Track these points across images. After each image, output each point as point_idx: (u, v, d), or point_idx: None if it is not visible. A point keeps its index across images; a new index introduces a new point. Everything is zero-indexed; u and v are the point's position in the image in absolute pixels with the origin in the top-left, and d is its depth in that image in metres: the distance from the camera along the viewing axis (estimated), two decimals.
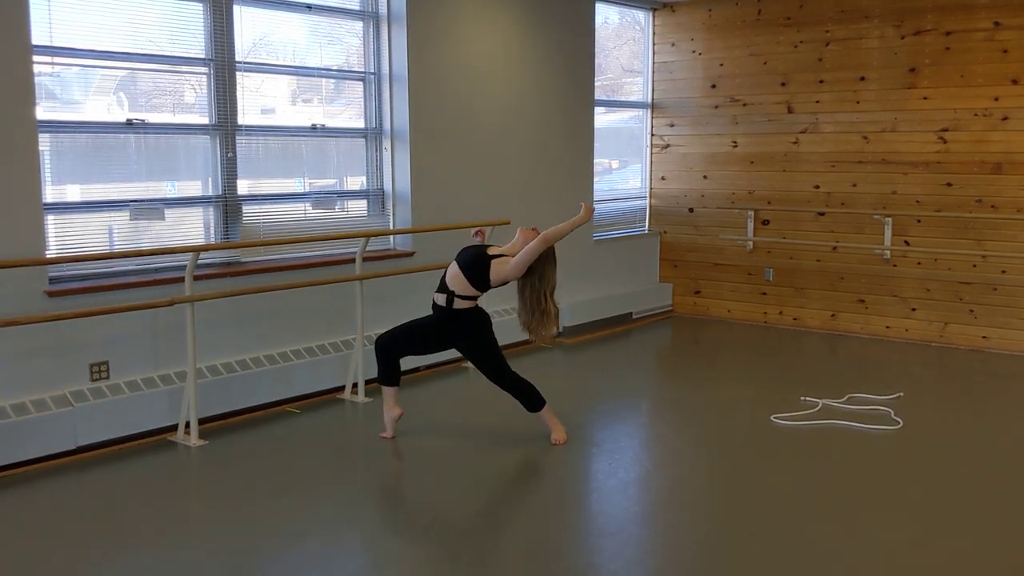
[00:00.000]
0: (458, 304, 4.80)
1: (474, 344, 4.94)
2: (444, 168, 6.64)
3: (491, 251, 4.85)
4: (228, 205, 5.57)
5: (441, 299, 4.84)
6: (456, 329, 4.90)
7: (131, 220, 5.16)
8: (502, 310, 7.03)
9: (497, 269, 4.73)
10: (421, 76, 6.38)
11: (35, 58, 4.60)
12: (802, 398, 5.78)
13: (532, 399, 5.02)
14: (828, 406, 5.64)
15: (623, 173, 8.87)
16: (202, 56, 5.43)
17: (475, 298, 4.84)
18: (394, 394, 5.05)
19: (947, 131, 7.22)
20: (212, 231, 5.55)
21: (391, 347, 4.97)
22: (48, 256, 4.73)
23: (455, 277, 4.79)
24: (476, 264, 4.76)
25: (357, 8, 6.29)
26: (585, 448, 5.02)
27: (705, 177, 8.44)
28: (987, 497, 4.30)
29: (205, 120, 5.49)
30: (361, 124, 6.39)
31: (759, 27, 7.99)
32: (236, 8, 5.49)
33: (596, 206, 8.05)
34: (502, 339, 6.86)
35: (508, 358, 5.04)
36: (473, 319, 4.89)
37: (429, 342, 5.02)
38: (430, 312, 4.96)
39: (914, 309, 7.54)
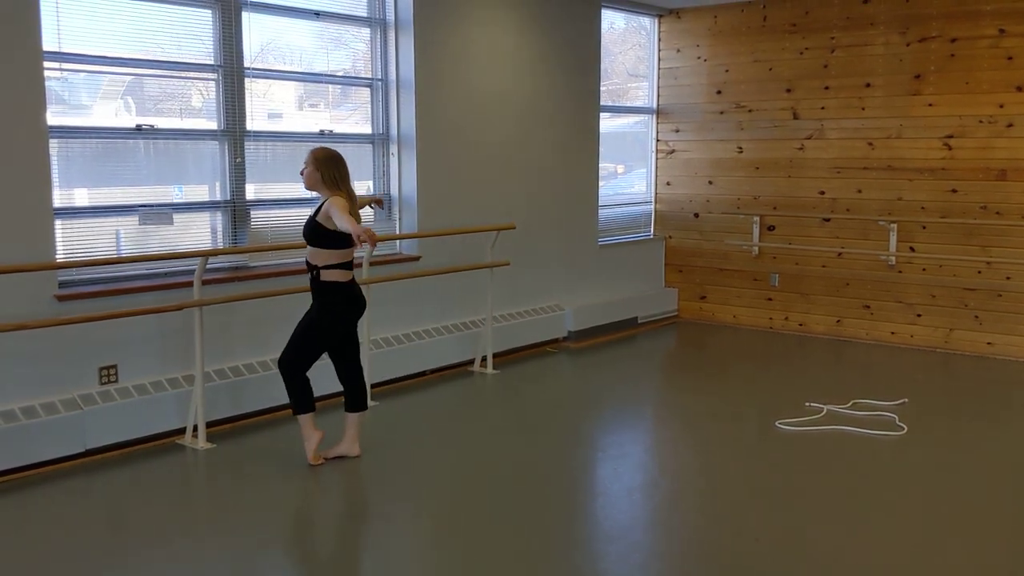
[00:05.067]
0: (325, 276, 4.45)
1: (309, 316, 4.57)
2: (450, 173, 6.66)
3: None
4: (236, 210, 5.60)
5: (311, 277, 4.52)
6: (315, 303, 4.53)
7: (140, 224, 5.19)
8: (502, 315, 7.06)
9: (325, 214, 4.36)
10: (428, 82, 6.41)
11: (45, 64, 4.64)
12: (807, 404, 5.80)
13: (296, 400, 4.62)
14: (833, 412, 5.65)
15: (628, 178, 8.90)
16: (211, 62, 5.46)
17: (342, 266, 4.46)
18: (311, 420, 4.69)
19: (952, 138, 7.23)
20: (220, 236, 5.58)
21: (296, 365, 4.60)
22: (58, 260, 4.76)
23: (309, 254, 4.49)
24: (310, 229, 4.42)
25: (364, 14, 6.32)
26: (590, 452, 5.04)
27: (710, 182, 8.46)
28: (991, 503, 4.31)
29: (213, 125, 5.53)
30: (368, 130, 6.43)
31: (764, 33, 8.01)
32: (244, 14, 5.53)
33: (601, 209, 8.08)
34: (507, 343, 6.94)
35: (512, 363, 5.04)
36: (335, 296, 4.48)
37: (320, 336, 4.59)
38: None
39: (919, 315, 7.55)
